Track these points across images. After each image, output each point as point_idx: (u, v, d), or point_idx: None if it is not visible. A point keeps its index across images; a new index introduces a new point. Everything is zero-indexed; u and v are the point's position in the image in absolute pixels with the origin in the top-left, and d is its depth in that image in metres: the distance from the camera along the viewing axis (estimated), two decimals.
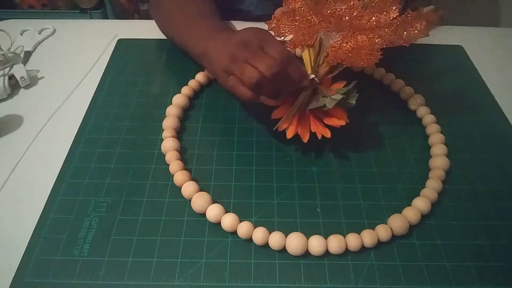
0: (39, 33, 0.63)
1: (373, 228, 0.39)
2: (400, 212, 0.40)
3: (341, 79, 0.45)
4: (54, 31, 0.64)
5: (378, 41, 0.43)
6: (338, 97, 0.41)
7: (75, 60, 0.59)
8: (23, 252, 0.37)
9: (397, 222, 0.39)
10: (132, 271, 0.36)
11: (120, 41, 0.62)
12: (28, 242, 0.38)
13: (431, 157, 0.45)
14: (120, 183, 0.43)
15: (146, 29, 0.63)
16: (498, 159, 0.47)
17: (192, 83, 0.53)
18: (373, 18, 0.45)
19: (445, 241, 0.39)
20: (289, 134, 0.43)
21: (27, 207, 0.41)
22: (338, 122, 0.42)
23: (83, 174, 0.44)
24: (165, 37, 0.59)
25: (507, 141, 0.49)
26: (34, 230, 0.39)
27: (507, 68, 0.59)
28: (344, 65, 0.43)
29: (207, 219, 0.40)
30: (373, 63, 0.42)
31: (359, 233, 0.38)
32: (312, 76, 0.43)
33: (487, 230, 0.40)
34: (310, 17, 0.47)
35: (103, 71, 0.56)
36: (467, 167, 0.46)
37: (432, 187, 0.42)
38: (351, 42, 0.44)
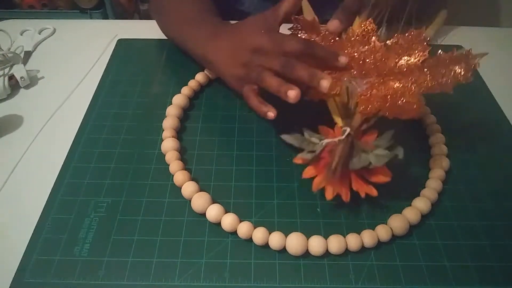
0: (39, 33, 0.63)
1: (373, 228, 0.39)
2: (400, 212, 0.40)
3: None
4: (54, 31, 0.64)
5: (414, 87, 0.39)
6: (385, 152, 0.37)
7: (75, 60, 0.59)
8: (23, 252, 0.37)
9: (397, 222, 0.39)
10: (132, 271, 0.36)
11: (120, 41, 0.62)
12: (28, 242, 0.38)
13: (431, 157, 0.45)
14: (120, 183, 0.43)
15: (146, 29, 0.63)
16: (498, 159, 0.47)
17: (192, 83, 0.53)
18: (401, 61, 0.42)
19: (445, 241, 0.39)
20: (329, 196, 0.38)
21: (27, 207, 0.41)
22: (384, 178, 0.38)
23: (83, 174, 0.44)
24: (165, 37, 0.59)
25: (507, 141, 0.49)
26: (34, 230, 0.39)
27: (507, 68, 0.59)
28: (378, 116, 0.39)
29: (207, 219, 0.40)
30: (420, 113, 0.38)
31: (359, 233, 0.38)
32: (348, 129, 0.38)
33: (487, 230, 0.40)
34: None
35: (103, 71, 0.56)
36: (467, 167, 0.46)
37: (432, 187, 0.42)
38: (382, 88, 0.40)
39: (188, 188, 0.41)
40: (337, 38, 0.45)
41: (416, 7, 0.48)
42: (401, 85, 0.39)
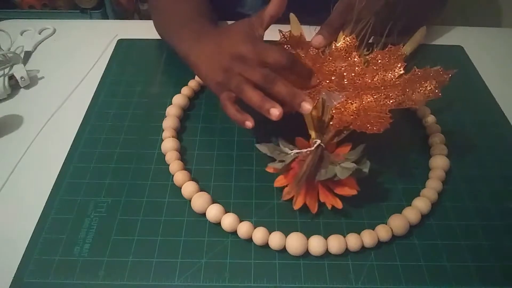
0: (39, 33, 0.63)
1: (373, 228, 0.39)
2: (400, 212, 0.40)
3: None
4: (54, 31, 0.64)
5: (386, 101, 0.39)
6: (350, 165, 0.37)
7: (75, 60, 0.59)
8: (23, 252, 0.37)
9: (397, 222, 0.39)
10: (132, 271, 0.36)
11: (120, 41, 0.62)
12: (28, 242, 0.38)
13: (431, 157, 0.45)
14: (120, 183, 0.43)
15: (146, 29, 0.63)
16: (498, 159, 0.47)
17: (192, 83, 0.53)
18: (377, 76, 0.43)
19: (445, 241, 0.39)
20: (297, 206, 0.39)
21: (27, 207, 0.41)
22: (350, 191, 0.39)
23: (83, 174, 0.44)
24: None
25: (507, 141, 0.49)
26: (34, 230, 0.39)
27: (507, 68, 0.59)
28: (351, 129, 0.39)
29: (207, 219, 0.40)
30: (385, 127, 0.37)
31: (359, 233, 0.38)
32: (318, 142, 0.39)
33: (487, 230, 0.40)
34: None
35: (103, 71, 0.56)
36: (467, 167, 0.46)
37: (432, 187, 0.42)
38: (356, 102, 0.40)
39: (188, 188, 0.41)
40: (320, 53, 0.46)
41: (399, 25, 0.48)
42: (373, 100, 0.40)
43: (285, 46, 0.47)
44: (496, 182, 0.44)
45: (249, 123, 0.39)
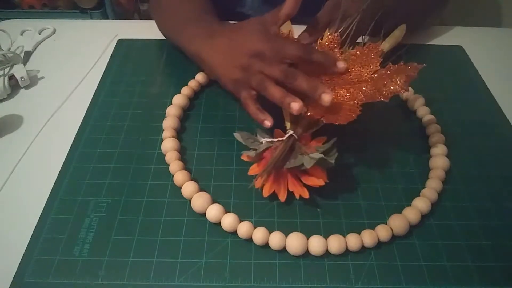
0: (39, 33, 0.63)
1: (373, 228, 0.39)
2: (400, 212, 0.40)
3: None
4: (54, 31, 0.64)
5: (359, 95, 0.40)
6: (317, 156, 0.38)
7: (75, 60, 0.59)
8: (23, 252, 0.37)
9: (397, 222, 0.39)
10: (132, 271, 0.36)
11: (120, 41, 0.62)
12: (28, 242, 0.38)
13: (431, 157, 0.45)
14: (120, 183, 0.43)
15: (146, 29, 0.63)
16: (498, 159, 0.47)
17: (192, 83, 0.53)
18: (353, 72, 0.43)
19: (445, 241, 0.39)
20: (265, 193, 0.40)
21: (27, 207, 0.41)
22: (317, 182, 0.39)
23: (83, 174, 0.44)
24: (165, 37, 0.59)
25: (507, 141, 0.49)
26: (34, 230, 0.39)
27: (507, 68, 0.59)
28: (323, 122, 0.40)
29: (207, 219, 0.40)
30: (351, 120, 0.38)
31: (359, 233, 0.38)
32: (291, 132, 0.40)
33: (487, 230, 0.40)
34: None
35: (103, 71, 0.56)
36: (467, 167, 0.46)
37: (432, 187, 0.42)
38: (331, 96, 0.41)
39: (188, 188, 0.41)
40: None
41: (387, 26, 0.49)
42: (348, 94, 0.41)
43: None
44: (496, 182, 0.44)
45: (268, 122, 0.40)
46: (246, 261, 0.37)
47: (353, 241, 0.38)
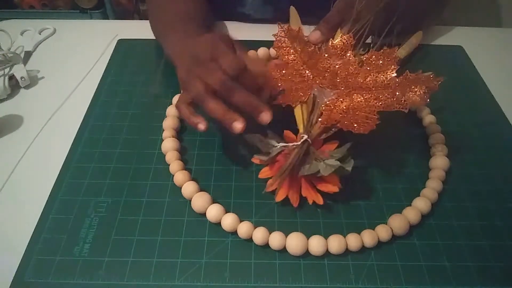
0: (39, 33, 0.63)
1: (373, 228, 0.39)
2: (400, 212, 0.40)
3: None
4: (54, 31, 0.64)
5: (375, 103, 0.40)
6: (335, 163, 0.37)
7: (75, 60, 0.59)
8: (23, 252, 0.37)
9: (397, 222, 0.39)
10: (132, 271, 0.36)
11: (120, 41, 0.62)
12: (28, 242, 0.38)
13: (431, 157, 0.45)
14: (120, 183, 0.43)
15: (146, 29, 0.62)
16: (498, 159, 0.47)
17: None
18: (370, 77, 0.43)
19: (445, 241, 0.39)
20: (278, 198, 0.40)
21: (27, 207, 0.41)
22: (332, 188, 0.39)
23: (83, 174, 0.44)
24: None
25: (507, 141, 0.49)
26: (34, 230, 0.39)
27: (507, 68, 0.59)
28: (338, 127, 0.39)
29: (207, 219, 0.40)
30: (370, 129, 0.38)
31: (359, 233, 0.38)
32: (305, 136, 0.39)
33: (487, 230, 0.40)
34: (303, 71, 0.45)
35: (103, 71, 0.56)
36: (467, 167, 0.46)
37: (432, 187, 0.42)
38: (346, 101, 0.41)
39: (188, 188, 0.41)
40: (317, 49, 0.47)
41: (398, 26, 0.48)
42: (363, 100, 0.41)
43: (282, 40, 0.47)
44: (496, 182, 0.44)
45: (202, 126, 0.39)
46: (246, 261, 0.37)
47: (353, 241, 0.38)
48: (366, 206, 0.42)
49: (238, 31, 0.63)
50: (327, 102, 0.41)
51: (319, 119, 0.41)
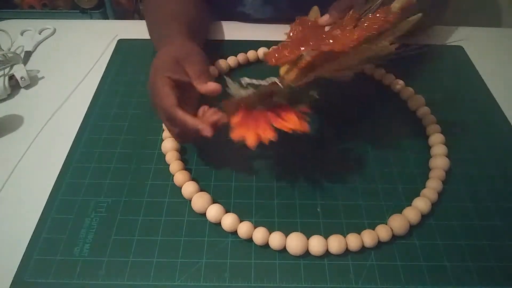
0: (39, 33, 0.63)
1: (373, 228, 0.39)
2: (400, 212, 0.40)
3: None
4: (54, 31, 0.64)
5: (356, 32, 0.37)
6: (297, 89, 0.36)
7: (75, 60, 0.59)
8: (23, 252, 0.37)
9: (397, 222, 0.39)
10: (132, 271, 0.36)
11: (120, 41, 0.62)
12: (28, 242, 0.38)
13: (431, 157, 0.45)
14: (120, 183, 0.43)
15: (146, 29, 0.62)
16: (498, 159, 0.47)
17: None
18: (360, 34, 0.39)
19: (445, 241, 0.39)
20: (235, 136, 0.37)
21: (27, 207, 0.41)
22: (295, 122, 0.36)
23: (83, 174, 0.44)
24: None
25: (507, 141, 0.49)
26: (34, 230, 0.39)
27: (507, 68, 0.59)
28: (316, 73, 0.38)
29: (207, 219, 0.40)
30: (349, 46, 0.36)
31: (359, 233, 0.38)
32: (275, 79, 0.38)
33: (487, 230, 0.40)
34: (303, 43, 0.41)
35: (103, 71, 0.56)
36: (467, 167, 0.46)
37: (432, 187, 0.42)
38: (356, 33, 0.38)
39: (188, 188, 0.41)
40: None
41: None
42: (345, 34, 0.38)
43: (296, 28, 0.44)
44: (496, 182, 0.44)
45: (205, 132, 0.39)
46: (246, 261, 0.37)
47: (353, 241, 0.38)
48: (366, 206, 0.42)
49: (238, 31, 0.63)
50: (337, 34, 0.39)
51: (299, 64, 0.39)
